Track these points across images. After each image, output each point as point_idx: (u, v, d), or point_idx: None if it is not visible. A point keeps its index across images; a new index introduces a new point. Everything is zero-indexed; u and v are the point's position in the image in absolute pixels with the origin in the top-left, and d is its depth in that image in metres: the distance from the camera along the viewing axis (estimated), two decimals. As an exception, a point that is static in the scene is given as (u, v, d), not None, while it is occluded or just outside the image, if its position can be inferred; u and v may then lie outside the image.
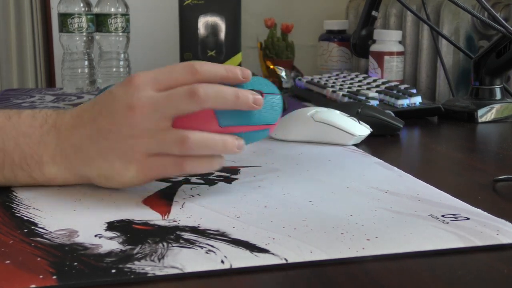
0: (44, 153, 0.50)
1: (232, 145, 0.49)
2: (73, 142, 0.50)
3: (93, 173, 0.50)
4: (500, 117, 0.91)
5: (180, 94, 0.47)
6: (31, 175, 0.51)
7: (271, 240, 0.41)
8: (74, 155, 0.50)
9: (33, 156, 0.50)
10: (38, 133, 0.50)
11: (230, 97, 0.48)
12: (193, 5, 1.28)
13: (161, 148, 0.48)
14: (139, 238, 0.41)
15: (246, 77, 0.50)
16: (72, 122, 0.50)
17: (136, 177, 0.49)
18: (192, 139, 0.47)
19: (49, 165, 0.50)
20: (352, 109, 0.78)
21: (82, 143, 0.49)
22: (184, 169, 0.49)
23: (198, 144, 0.47)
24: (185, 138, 0.47)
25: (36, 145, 0.50)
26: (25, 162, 0.50)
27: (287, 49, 1.36)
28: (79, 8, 1.13)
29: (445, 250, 0.40)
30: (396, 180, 0.57)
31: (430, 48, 1.15)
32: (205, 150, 0.48)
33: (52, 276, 0.35)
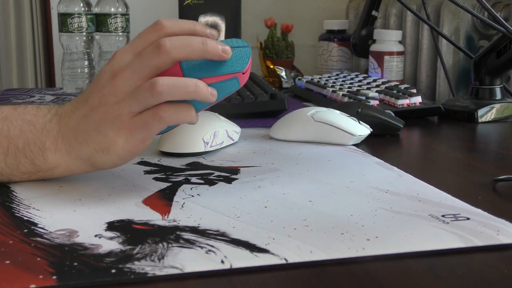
0: (47, 139, 0.52)
1: (204, 88, 0.50)
2: (71, 125, 0.51)
3: (91, 149, 0.51)
4: (500, 117, 0.91)
5: (149, 51, 0.49)
6: (34, 162, 0.52)
7: (271, 240, 0.41)
8: (74, 137, 0.51)
9: (36, 143, 0.51)
10: (42, 121, 0.52)
11: (197, 45, 0.49)
12: (193, 5, 1.28)
13: (138, 102, 0.49)
14: (139, 238, 0.41)
15: (212, 35, 0.52)
16: (70, 108, 0.53)
17: (127, 144, 0.50)
18: (162, 82, 0.48)
19: (52, 151, 0.52)
20: (352, 109, 0.78)
21: (79, 123, 0.51)
22: (162, 116, 0.49)
23: (168, 86, 0.48)
24: (155, 82, 0.48)
25: (40, 132, 0.52)
26: (28, 149, 0.51)
27: (287, 49, 1.36)
28: (79, 8, 1.13)
29: (445, 250, 0.40)
30: (396, 180, 0.57)
31: (430, 48, 1.15)
32: (177, 93, 0.49)
33: (52, 276, 0.35)
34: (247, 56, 0.52)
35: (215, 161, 0.64)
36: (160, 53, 0.48)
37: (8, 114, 0.53)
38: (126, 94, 0.49)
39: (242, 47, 0.52)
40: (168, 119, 0.50)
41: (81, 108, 0.51)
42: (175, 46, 0.49)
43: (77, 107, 0.52)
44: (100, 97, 0.50)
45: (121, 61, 0.50)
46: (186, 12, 1.28)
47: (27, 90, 1.21)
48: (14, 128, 0.52)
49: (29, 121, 0.52)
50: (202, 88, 0.49)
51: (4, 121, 0.52)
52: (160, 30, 0.50)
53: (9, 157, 0.52)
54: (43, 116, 0.53)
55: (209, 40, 0.50)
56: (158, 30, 0.50)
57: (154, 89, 0.48)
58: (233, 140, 0.71)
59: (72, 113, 0.52)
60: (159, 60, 0.49)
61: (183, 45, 0.49)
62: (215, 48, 0.50)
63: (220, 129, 0.68)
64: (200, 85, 0.49)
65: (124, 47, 0.51)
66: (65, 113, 0.53)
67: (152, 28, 0.51)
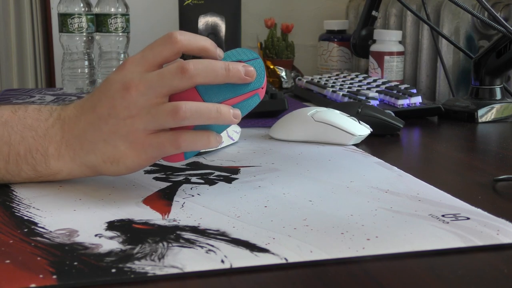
0: (50, 145, 0.51)
1: (227, 112, 0.49)
2: (76, 132, 0.50)
3: (98, 160, 0.50)
4: (500, 117, 0.91)
5: (171, 71, 0.48)
6: (36, 168, 0.51)
7: (271, 240, 0.41)
8: (79, 145, 0.50)
9: (38, 149, 0.51)
10: (44, 126, 0.51)
11: (220, 70, 0.48)
12: (193, 5, 1.28)
13: (157, 123, 0.48)
14: (139, 237, 0.41)
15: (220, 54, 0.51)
16: (75, 113, 0.51)
17: (138, 158, 0.49)
18: (185, 108, 0.47)
19: (54, 158, 0.51)
20: (352, 109, 0.78)
21: (86, 131, 0.50)
22: (180, 144, 0.49)
23: (191, 112, 0.48)
24: (178, 107, 0.47)
25: (42, 138, 0.51)
26: (30, 155, 0.51)
27: (287, 49, 1.36)
28: (79, 8, 1.13)
29: (445, 250, 0.40)
30: (396, 180, 0.57)
31: (430, 48, 1.15)
32: (199, 119, 0.48)
33: (52, 276, 0.35)
34: (262, 69, 0.51)
35: (215, 160, 0.64)
36: (183, 77, 0.47)
37: (8, 118, 0.51)
38: (141, 110, 0.48)
39: (253, 60, 0.51)
40: (185, 148, 0.49)
41: (87, 116, 0.50)
42: (199, 72, 0.48)
43: (82, 113, 0.51)
44: (110, 108, 0.49)
45: (132, 72, 0.49)
46: (186, 12, 1.28)
47: (27, 90, 1.21)
48: (15, 134, 0.51)
49: (30, 125, 0.51)
50: (224, 113, 0.48)
51: (4, 126, 0.51)
52: (174, 45, 0.49)
53: (10, 164, 0.51)
54: (45, 120, 0.51)
55: (231, 65, 0.49)
56: (171, 44, 0.49)
57: (177, 114, 0.47)
58: (233, 140, 0.71)
59: (77, 119, 0.51)
60: (180, 83, 0.48)
61: (207, 71, 0.48)
62: (238, 73, 0.49)
63: (220, 129, 0.68)
64: (223, 111, 0.48)
65: (135, 57, 0.50)
66: (69, 118, 0.51)
67: (165, 41, 0.49)
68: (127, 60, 0.50)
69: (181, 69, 0.47)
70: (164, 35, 0.50)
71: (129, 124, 0.48)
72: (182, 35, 0.49)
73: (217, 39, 1.29)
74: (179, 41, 0.49)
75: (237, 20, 1.30)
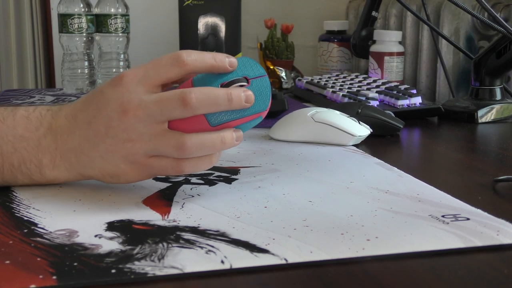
0: (44, 157, 0.50)
1: (230, 139, 0.48)
2: (71, 145, 0.49)
3: (96, 173, 0.50)
4: (500, 117, 0.91)
5: (172, 101, 0.46)
6: (32, 177, 0.51)
7: (271, 240, 0.41)
8: (75, 158, 0.50)
9: (32, 160, 0.50)
10: (35, 137, 0.50)
11: (222, 101, 0.47)
12: (193, 5, 1.28)
13: (160, 151, 0.48)
14: (139, 238, 0.41)
15: (232, 66, 0.49)
16: (68, 124, 0.50)
17: (139, 175, 0.50)
18: (189, 144, 0.47)
19: (49, 168, 0.50)
20: (352, 109, 0.78)
21: (82, 146, 0.49)
22: (183, 171, 0.49)
23: (196, 147, 0.47)
24: (183, 143, 0.47)
25: (35, 149, 0.50)
26: (24, 166, 0.50)
27: (287, 49, 1.36)
28: (79, 8, 1.13)
29: (445, 251, 0.40)
30: (396, 180, 0.57)
31: (430, 48, 1.15)
32: (204, 152, 0.48)
33: (52, 276, 0.35)
34: (267, 89, 0.50)
35: (215, 161, 0.64)
36: (185, 109, 0.46)
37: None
38: (141, 136, 0.47)
39: (259, 78, 0.50)
40: (188, 171, 0.49)
41: (82, 130, 0.49)
42: (201, 104, 0.46)
43: (76, 126, 0.49)
44: (107, 127, 0.47)
45: (131, 92, 0.47)
46: (186, 12, 1.28)
47: (27, 91, 1.21)
48: (6, 145, 0.49)
49: (21, 136, 0.49)
50: (228, 141, 0.48)
51: None
52: (181, 68, 0.48)
53: (5, 174, 0.50)
54: (35, 130, 0.50)
55: (234, 93, 0.47)
56: (179, 67, 0.48)
57: (182, 149, 0.47)
58: (233, 140, 0.71)
59: (71, 132, 0.49)
60: (181, 113, 0.47)
61: (209, 103, 0.47)
62: (240, 101, 0.48)
63: (220, 130, 0.68)
64: (227, 140, 0.48)
65: (136, 74, 0.48)
66: (61, 129, 0.50)
67: (172, 62, 0.48)
68: (126, 76, 0.48)
69: (182, 101, 0.46)
70: (171, 55, 0.48)
71: (129, 147, 0.48)
72: (189, 56, 0.48)
73: (217, 40, 1.29)
74: (187, 64, 0.48)
75: (237, 20, 1.29)
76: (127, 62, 1.20)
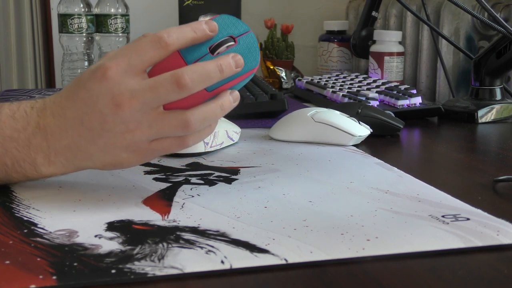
0: (37, 156, 0.49)
1: (228, 104, 0.49)
2: (65, 143, 0.48)
3: (97, 165, 0.49)
4: (500, 117, 0.91)
5: (166, 86, 0.46)
6: (27, 175, 0.50)
7: (271, 241, 0.41)
8: (72, 154, 0.49)
9: (25, 160, 0.49)
10: (24, 137, 0.49)
11: (214, 74, 0.47)
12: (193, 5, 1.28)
13: (163, 134, 0.48)
14: (139, 238, 0.41)
15: (213, 30, 0.49)
16: (57, 123, 0.48)
17: (142, 159, 0.50)
18: (193, 120, 0.47)
19: (45, 166, 0.49)
20: (352, 109, 0.78)
21: (77, 143, 0.48)
22: (188, 144, 0.49)
23: (200, 121, 0.48)
24: (187, 121, 0.47)
25: (26, 148, 0.49)
26: (18, 165, 0.49)
27: (287, 49, 1.36)
28: (79, 8, 1.13)
29: (445, 251, 0.40)
30: (396, 180, 0.57)
31: (430, 48, 1.15)
32: (207, 123, 0.49)
33: (52, 276, 0.35)
34: (255, 45, 0.51)
35: (215, 161, 0.64)
36: (180, 91, 0.46)
37: None
38: (140, 124, 0.47)
39: (245, 34, 0.51)
40: (192, 144, 0.50)
41: (75, 129, 0.47)
42: (195, 83, 0.46)
43: (66, 124, 0.48)
44: (102, 123, 0.46)
45: (120, 84, 0.46)
46: (186, 12, 1.28)
47: (27, 91, 1.21)
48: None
49: (10, 137, 0.48)
50: (227, 106, 0.49)
51: None
52: (165, 49, 0.47)
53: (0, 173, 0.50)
54: (23, 130, 0.48)
55: (223, 63, 0.48)
56: (162, 49, 0.47)
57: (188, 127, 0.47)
58: (233, 140, 0.71)
59: (62, 130, 0.48)
60: (177, 96, 0.46)
61: (203, 79, 0.47)
62: (230, 68, 0.48)
63: (220, 130, 0.68)
64: (225, 105, 0.49)
65: (120, 65, 0.46)
66: (50, 128, 0.48)
67: (154, 45, 0.47)
68: (110, 68, 0.46)
69: (177, 84, 0.46)
70: (152, 39, 0.47)
71: (129, 137, 0.47)
72: (170, 36, 0.47)
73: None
74: (170, 44, 0.47)
75: (237, 20, 1.29)
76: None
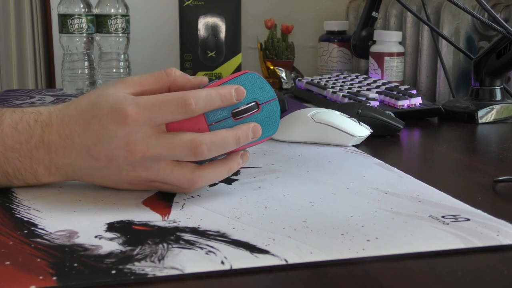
0: (38, 167, 0.50)
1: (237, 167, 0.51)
2: (68, 162, 0.49)
3: (97, 183, 0.51)
4: (500, 118, 0.91)
5: (183, 149, 0.47)
6: (27, 182, 0.51)
7: (271, 241, 0.41)
8: (73, 172, 0.50)
9: (26, 169, 0.50)
10: (26, 149, 0.49)
11: (231, 144, 0.49)
12: (193, 6, 1.28)
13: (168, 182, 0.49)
14: (139, 239, 0.41)
15: (240, 99, 0.49)
16: (63, 143, 0.49)
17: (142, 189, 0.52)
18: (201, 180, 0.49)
19: (45, 176, 0.51)
20: (352, 110, 0.78)
21: (81, 166, 0.49)
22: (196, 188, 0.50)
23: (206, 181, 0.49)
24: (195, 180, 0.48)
25: (28, 160, 0.49)
26: (19, 173, 0.50)
27: (287, 50, 1.36)
28: (79, 9, 1.13)
29: (446, 251, 0.40)
30: (396, 181, 0.57)
31: (430, 49, 1.15)
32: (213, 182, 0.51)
33: (52, 277, 0.35)
34: (277, 114, 0.52)
35: (215, 162, 0.64)
36: (195, 156, 0.47)
37: None
38: (148, 169, 0.48)
39: (269, 102, 0.51)
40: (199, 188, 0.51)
41: (80, 153, 0.48)
42: (212, 151, 0.47)
43: (72, 146, 0.48)
44: (110, 159, 0.47)
45: (137, 133, 0.46)
46: (186, 13, 1.28)
47: (27, 91, 1.21)
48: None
49: (12, 147, 0.49)
50: (234, 170, 0.51)
51: None
52: (189, 114, 0.47)
53: (0, 180, 0.50)
54: (26, 142, 0.49)
55: (241, 135, 0.49)
56: (187, 113, 0.47)
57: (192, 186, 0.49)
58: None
59: (66, 150, 0.49)
60: (191, 159, 0.48)
61: (219, 149, 0.48)
62: (247, 140, 0.49)
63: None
64: (233, 170, 0.51)
65: (139, 115, 0.46)
66: (55, 145, 0.49)
67: (180, 108, 0.47)
68: (131, 116, 0.46)
69: (194, 151, 0.47)
70: (179, 101, 0.47)
71: (134, 176, 0.49)
72: (197, 104, 0.47)
73: (217, 40, 1.29)
74: (195, 111, 0.47)
75: (237, 21, 1.29)
76: (127, 63, 1.20)
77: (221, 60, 1.29)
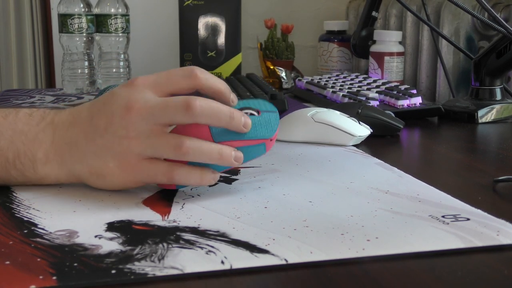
0: (38, 150, 0.50)
1: (228, 155, 0.49)
2: (68, 139, 0.50)
3: (84, 170, 0.50)
4: (500, 117, 0.91)
5: (176, 105, 0.48)
6: (24, 173, 0.51)
7: (271, 241, 0.41)
8: (68, 152, 0.50)
9: (26, 154, 0.50)
10: (34, 131, 0.51)
11: (224, 116, 0.48)
12: (193, 5, 1.28)
13: (155, 152, 0.48)
14: (139, 238, 0.41)
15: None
16: (70, 119, 0.51)
17: (126, 179, 0.50)
18: (188, 145, 0.47)
19: (42, 163, 0.50)
20: (352, 109, 0.78)
21: (77, 140, 0.50)
22: (173, 178, 0.49)
23: (193, 150, 0.48)
24: (181, 143, 0.47)
25: (31, 142, 0.50)
26: (18, 161, 0.50)
27: (287, 49, 1.36)
28: (79, 8, 1.13)
29: (445, 251, 0.40)
30: (396, 180, 0.57)
31: (430, 48, 1.15)
32: (200, 158, 0.48)
33: (52, 277, 0.35)
34: (275, 122, 0.52)
35: (215, 161, 0.63)
36: (186, 113, 0.47)
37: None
38: (139, 134, 0.48)
39: (270, 112, 0.52)
40: (177, 182, 0.49)
41: (83, 125, 0.50)
42: (204, 112, 0.47)
43: (78, 121, 0.50)
44: (108, 123, 0.48)
45: (140, 92, 0.48)
46: (186, 12, 1.28)
47: (27, 91, 1.21)
48: (4, 140, 0.50)
49: (21, 130, 0.50)
50: (225, 156, 0.49)
51: None
52: (193, 80, 0.50)
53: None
54: (36, 125, 0.51)
55: (236, 113, 0.49)
56: (191, 78, 0.50)
57: (179, 150, 0.47)
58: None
59: (71, 126, 0.50)
60: (182, 118, 0.48)
61: (211, 113, 0.48)
62: (239, 122, 0.49)
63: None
64: (224, 154, 0.49)
65: (149, 78, 0.49)
66: (62, 123, 0.51)
67: (185, 73, 0.50)
68: (138, 79, 0.49)
69: (186, 106, 0.47)
70: (185, 68, 0.50)
71: (125, 144, 0.48)
72: (202, 73, 0.50)
73: (217, 40, 1.29)
74: (199, 78, 0.50)
75: (237, 20, 1.30)
76: (127, 62, 1.20)
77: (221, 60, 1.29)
